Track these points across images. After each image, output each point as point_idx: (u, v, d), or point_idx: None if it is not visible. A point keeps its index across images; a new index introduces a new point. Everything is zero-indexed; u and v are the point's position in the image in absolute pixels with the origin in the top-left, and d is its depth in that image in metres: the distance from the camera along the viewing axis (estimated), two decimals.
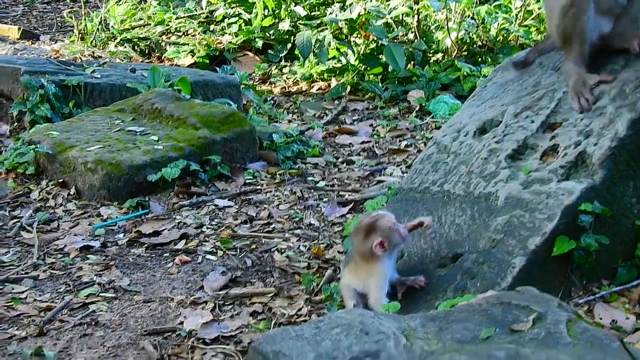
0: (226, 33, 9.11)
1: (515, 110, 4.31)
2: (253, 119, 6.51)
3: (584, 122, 4.04)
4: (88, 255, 4.66)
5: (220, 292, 4.23)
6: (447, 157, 4.32)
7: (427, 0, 7.65)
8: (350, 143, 6.55)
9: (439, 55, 7.99)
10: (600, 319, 3.62)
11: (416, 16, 8.04)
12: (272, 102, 7.69)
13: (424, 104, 7.26)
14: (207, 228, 4.98)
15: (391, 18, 7.96)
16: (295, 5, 8.72)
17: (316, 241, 4.80)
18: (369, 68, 7.94)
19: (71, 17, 10.21)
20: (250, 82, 7.92)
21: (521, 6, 8.22)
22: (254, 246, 4.75)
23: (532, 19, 8.18)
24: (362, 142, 6.56)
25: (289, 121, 7.15)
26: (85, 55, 8.97)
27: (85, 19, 9.93)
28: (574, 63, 4.25)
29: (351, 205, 5.24)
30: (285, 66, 8.57)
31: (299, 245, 4.76)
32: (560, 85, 4.30)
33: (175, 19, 9.55)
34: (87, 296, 4.22)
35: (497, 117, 4.36)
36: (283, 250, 4.70)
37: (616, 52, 4.27)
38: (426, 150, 4.52)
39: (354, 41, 8.16)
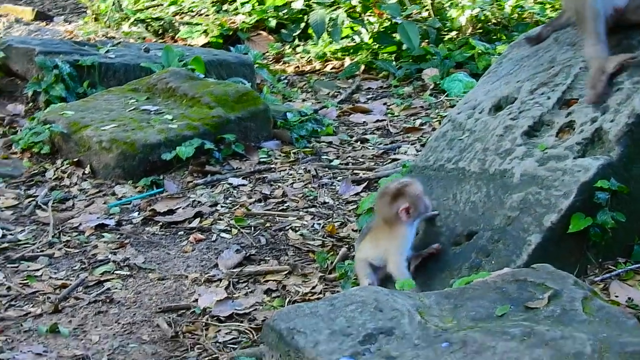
0: (239, 13, 9.07)
1: (531, 86, 4.26)
2: (267, 98, 6.48)
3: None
4: (103, 234, 4.66)
5: (234, 270, 4.23)
6: (462, 135, 4.29)
7: None
8: (364, 121, 6.52)
9: (454, 33, 7.93)
10: (616, 296, 3.59)
11: None
12: (286, 81, 7.66)
13: (438, 82, 7.22)
14: (222, 206, 4.97)
15: None
16: None
17: (330, 219, 4.79)
18: (382, 46, 7.89)
19: None
20: (263, 61, 7.89)
21: None
22: (268, 224, 4.74)
23: None
24: (377, 121, 6.53)
25: (303, 100, 7.12)
26: (99, 36, 8.96)
27: (98, 0, 9.90)
28: (593, 45, 4.17)
29: (365, 183, 5.22)
30: (298, 45, 8.53)
31: (313, 224, 4.75)
32: (577, 61, 4.26)
33: None
34: (102, 274, 4.23)
35: (512, 93, 4.32)
36: (297, 229, 4.68)
37: (632, 27, 4.22)
38: (441, 127, 4.48)
39: (367, 19, 8.11)
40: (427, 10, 8.06)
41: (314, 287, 4.08)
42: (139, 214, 4.92)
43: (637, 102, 3.86)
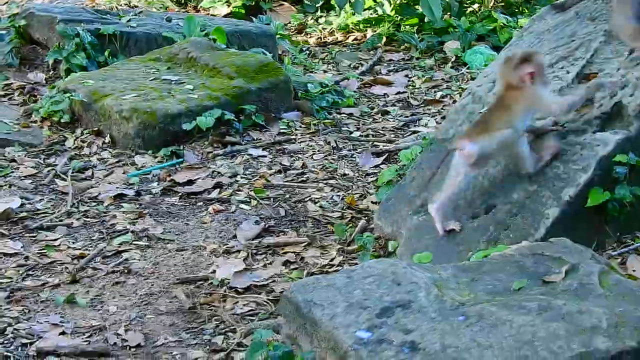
0: None
1: (551, 60, 4.23)
2: (288, 68, 6.46)
3: (620, 72, 3.97)
4: (122, 204, 4.67)
5: (253, 242, 4.23)
6: (482, 108, 4.25)
7: None
8: (385, 93, 6.49)
9: (476, 6, 7.87)
10: (634, 271, 3.57)
11: None
12: (307, 52, 7.62)
13: (459, 55, 7.17)
14: (241, 177, 4.97)
15: None
16: None
17: (350, 191, 4.78)
18: (405, 19, 7.85)
19: None
20: (285, 32, 7.85)
21: None
22: (287, 196, 4.74)
23: None
24: (397, 93, 6.50)
25: (324, 71, 7.09)
26: (121, 4, 8.94)
27: None
28: (624, 15, 4.10)
29: (385, 155, 5.21)
30: (321, 16, 8.48)
31: (333, 196, 4.74)
32: (597, 35, 4.22)
33: None
34: (120, 244, 4.24)
35: None
36: (316, 200, 4.68)
37: None
38: (461, 100, 4.46)
39: None
40: None
41: (332, 260, 4.08)
42: (158, 184, 4.92)
43: None
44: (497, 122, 3.69)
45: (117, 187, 4.85)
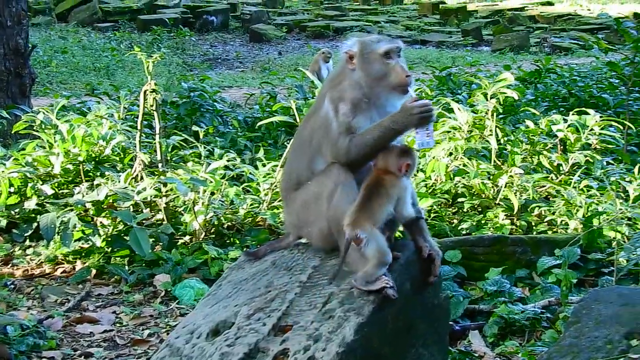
0: None
1: (248, 311, 4.25)
2: None
3: (314, 325, 4.03)
4: None
5: None
6: None
7: (175, 183, 7.57)
8: (91, 332, 6.26)
9: (187, 238, 7.90)
10: None
11: (164, 198, 7.97)
12: (12, 286, 7.28)
13: (170, 289, 7.11)
14: None
15: (140, 200, 7.85)
16: (42, 184, 8.44)
17: None
18: (115, 250, 7.73)
19: None
20: None
21: (269, 188, 8.35)
22: None
23: (280, 201, 8.29)
24: (104, 331, 6.29)
25: (28, 308, 6.76)
26: None
27: None
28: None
29: None
30: (30, 246, 8.19)
31: None
32: (292, 286, 4.30)
33: None
34: None
35: (230, 318, 4.28)
36: None
37: None
38: (158, 353, 4.35)
39: (101, 222, 7.94)
40: (161, 214, 8.01)
41: None
42: None
43: (347, 330, 3.92)
44: (377, 206, 4.25)
45: None
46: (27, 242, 8.24)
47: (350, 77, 4.60)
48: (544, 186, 8.86)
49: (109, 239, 7.72)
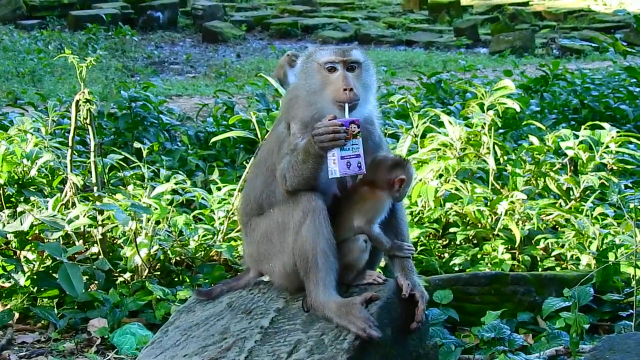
0: None
1: None
2: None
3: None
4: None
5: None
6: None
7: (113, 211, 7.59)
8: None
9: (127, 275, 7.91)
10: None
11: (100, 228, 7.98)
12: None
13: (107, 336, 7.11)
14: None
15: (71, 230, 7.86)
16: None
17: None
18: (42, 290, 7.73)
19: None
20: None
21: (225, 216, 8.36)
22: None
23: (238, 231, 8.31)
24: None
25: None
26: None
27: None
28: (325, 289, 4.36)
29: None
30: None
31: None
32: (252, 332, 4.35)
33: None
34: None
35: None
36: None
37: None
38: None
39: (25, 257, 7.95)
40: (97, 246, 8.02)
41: None
42: None
43: None
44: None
45: None
46: None
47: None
48: (550, 214, 8.93)
49: (35, 277, 7.71)
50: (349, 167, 4.41)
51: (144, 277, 7.83)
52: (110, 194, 8.22)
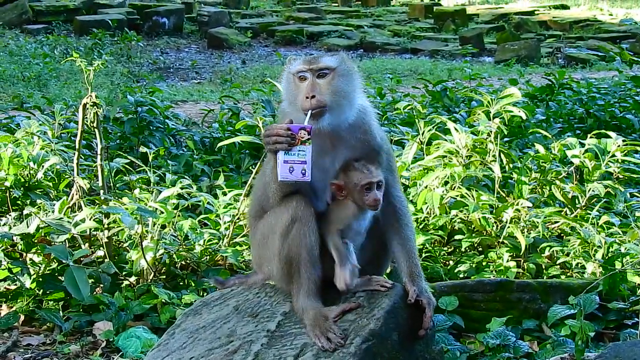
0: None
1: None
2: None
3: None
4: None
5: None
6: None
7: (119, 214, 7.60)
8: None
9: (133, 279, 7.92)
10: None
11: (106, 231, 7.99)
12: None
13: (112, 339, 7.12)
14: None
15: (77, 233, 7.87)
16: None
17: None
18: (48, 292, 7.74)
19: None
20: None
21: (230, 221, 8.37)
22: None
23: (244, 235, 8.33)
24: None
25: None
26: None
27: None
28: (307, 297, 4.38)
29: None
30: None
31: None
32: (259, 335, 4.35)
33: None
34: None
35: None
36: None
37: None
38: None
39: (31, 259, 7.96)
40: (103, 250, 8.03)
41: None
42: None
43: None
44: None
45: None
46: None
47: None
48: (556, 222, 8.93)
49: (41, 279, 7.72)
50: (291, 173, 4.48)
51: (149, 280, 7.84)
52: (116, 198, 8.23)
